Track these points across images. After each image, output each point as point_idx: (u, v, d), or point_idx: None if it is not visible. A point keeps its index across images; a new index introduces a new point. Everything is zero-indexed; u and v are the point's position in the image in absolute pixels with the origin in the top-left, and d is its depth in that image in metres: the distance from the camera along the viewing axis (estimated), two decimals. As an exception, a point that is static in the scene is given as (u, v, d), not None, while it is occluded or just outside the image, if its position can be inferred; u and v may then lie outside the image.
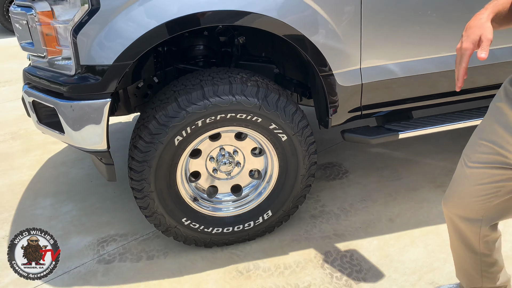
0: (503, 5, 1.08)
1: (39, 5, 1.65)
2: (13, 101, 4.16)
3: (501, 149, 1.14)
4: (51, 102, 1.73)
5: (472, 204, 1.26)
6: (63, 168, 2.87)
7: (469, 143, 1.25)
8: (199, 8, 1.60)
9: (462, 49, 1.02)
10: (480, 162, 1.20)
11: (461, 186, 1.27)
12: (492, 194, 1.21)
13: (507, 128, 1.12)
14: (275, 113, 1.75)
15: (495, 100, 1.19)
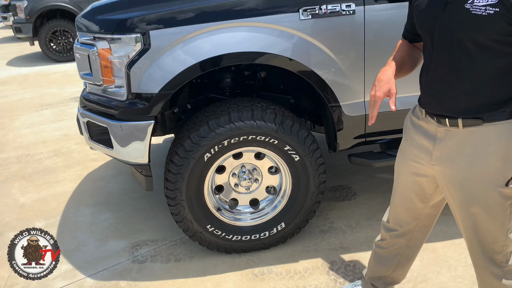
0: (400, 63, 1.47)
1: (99, 44, 2.03)
2: (55, 122, 4.60)
3: (415, 163, 1.48)
4: (104, 122, 2.09)
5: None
6: (101, 182, 3.23)
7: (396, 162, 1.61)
8: (227, 50, 1.95)
9: (376, 97, 1.39)
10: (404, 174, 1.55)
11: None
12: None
13: (416, 147, 1.45)
14: (289, 137, 2.06)
15: (405, 128, 1.55)
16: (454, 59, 1.26)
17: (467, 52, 1.22)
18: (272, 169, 2.27)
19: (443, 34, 1.25)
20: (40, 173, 3.42)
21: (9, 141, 4.15)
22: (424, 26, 1.35)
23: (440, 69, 1.31)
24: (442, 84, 1.31)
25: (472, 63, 1.23)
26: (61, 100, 5.44)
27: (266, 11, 1.95)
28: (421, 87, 1.42)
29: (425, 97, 1.40)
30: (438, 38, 1.27)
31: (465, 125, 1.29)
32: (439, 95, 1.32)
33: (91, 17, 2.13)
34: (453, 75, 1.28)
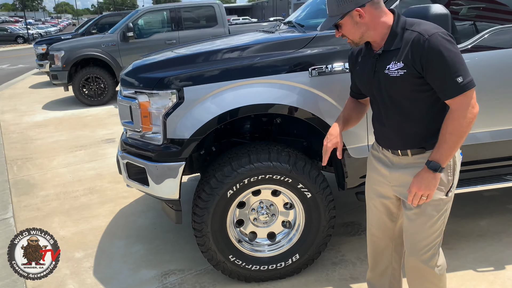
0: (347, 119, 1.97)
1: (141, 97, 2.40)
2: (89, 163, 5.01)
3: (378, 187, 1.94)
4: (142, 163, 2.43)
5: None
6: (132, 217, 3.55)
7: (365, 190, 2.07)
8: (247, 102, 2.28)
9: (327, 147, 1.89)
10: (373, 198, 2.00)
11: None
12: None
13: (378, 174, 1.91)
14: (302, 176, 2.35)
15: (368, 160, 2.01)
16: (391, 109, 1.73)
17: (398, 103, 1.70)
18: (287, 205, 2.55)
19: (378, 93, 1.74)
20: (77, 209, 3.76)
21: (48, 179, 4.55)
22: (365, 88, 1.85)
23: (385, 116, 1.77)
24: (389, 127, 1.78)
25: (404, 111, 1.69)
26: (93, 142, 5.89)
27: (281, 70, 2.30)
28: (374, 129, 1.91)
29: (379, 137, 1.88)
30: (376, 95, 1.77)
31: (413, 154, 1.75)
32: (389, 135, 1.79)
33: (134, 74, 2.53)
34: (394, 120, 1.74)
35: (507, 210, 3.30)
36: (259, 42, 2.48)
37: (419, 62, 1.56)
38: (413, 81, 1.61)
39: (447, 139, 1.60)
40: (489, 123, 2.54)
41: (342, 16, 1.65)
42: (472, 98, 1.56)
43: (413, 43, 1.57)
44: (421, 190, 1.67)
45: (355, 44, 1.75)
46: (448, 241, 2.87)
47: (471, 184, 2.61)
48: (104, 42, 8.37)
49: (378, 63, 1.69)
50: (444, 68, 1.53)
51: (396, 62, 1.61)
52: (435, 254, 1.83)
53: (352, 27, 1.67)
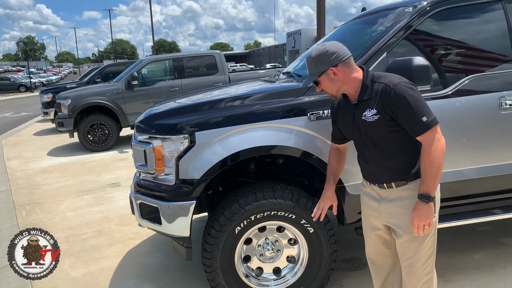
0: (335, 175, 2.39)
1: (155, 142, 2.63)
2: (96, 206, 5.16)
3: (371, 220, 2.21)
4: (155, 203, 2.62)
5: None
6: (141, 257, 3.67)
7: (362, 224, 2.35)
8: (250, 145, 2.50)
9: (323, 208, 2.40)
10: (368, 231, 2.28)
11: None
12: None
13: (369, 208, 2.20)
14: (304, 212, 2.54)
15: (361, 197, 2.30)
16: (373, 148, 2.03)
17: (377, 143, 2.00)
18: (291, 241, 2.71)
19: (360, 136, 2.06)
20: (86, 251, 3.89)
21: (56, 223, 4.68)
22: (348, 133, 2.18)
23: (368, 155, 2.08)
24: (373, 165, 2.08)
25: (383, 149, 2.00)
26: (99, 186, 6.07)
27: (279, 116, 2.55)
28: (361, 167, 2.20)
29: (365, 174, 2.18)
30: (359, 138, 2.09)
31: (397, 186, 2.03)
32: (374, 171, 2.09)
33: (148, 121, 2.77)
34: (377, 158, 2.04)
35: (499, 243, 3.46)
36: (262, 91, 2.75)
37: (389, 108, 1.89)
38: (387, 124, 1.93)
39: (428, 172, 1.89)
40: (472, 161, 2.76)
41: (319, 75, 1.99)
42: (437, 133, 1.88)
43: (381, 93, 1.91)
44: (422, 221, 1.93)
45: (334, 97, 2.08)
46: (445, 274, 3.01)
47: (462, 218, 2.80)
48: (110, 90, 8.74)
49: (356, 112, 2.01)
50: (410, 111, 1.85)
51: (370, 109, 1.94)
52: (431, 279, 2.09)
53: (329, 83, 2.01)
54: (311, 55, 2.03)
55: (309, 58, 2.05)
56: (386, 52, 2.65)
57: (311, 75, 2.04)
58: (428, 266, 2.08)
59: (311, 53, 2.04)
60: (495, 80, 2.74)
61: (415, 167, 1.99)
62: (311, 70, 2.03)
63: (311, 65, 2.02)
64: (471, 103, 2.69)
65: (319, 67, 1.99)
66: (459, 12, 2.83)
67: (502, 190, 2.85)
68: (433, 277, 2.13)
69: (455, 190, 2.78)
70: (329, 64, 1.97)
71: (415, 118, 1.86)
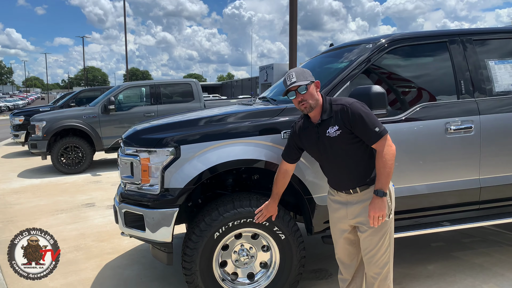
0: (279, 194, 2.72)
1: (142, 154, 2.88)
2: (71, 224, 5.24)
3: (339, 224, 2.56)
4: (140, 211, 2.84)
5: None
6: (119, 269, 3.81)
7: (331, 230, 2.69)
8: (227, 158, 2.78)
9: (265, 216, 2.75)
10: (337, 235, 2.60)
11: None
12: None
13: (337, 214, 2.55)
14: (277, 220, 2.82)
15: (328, 204, 2.67)
16: (337, 161, 2.42)
17: (340, 155, 2.38)
18: (264, 248, 2.97)
19: (324, 151, 2.43)
20: (64, 264, 3.97)
21: (31, 239, 4.73)
22: (313, 151, 2.53)
23: (334, 167, 2.46)
24: (339, 175, 2.46)
25: (347, 159, 2.38)
26: (73, 206, 6.13)
27: (257, 133, 2.86)
28: (328, 178, 2.58)
29: (333, 184, 2.55)
30: (323, 154, 2.46)
31: (361, 190, 2.40)
32: (339, 180, 2.47)
33: (135, 136, 3.02)
34: (341, 168, 2.42)
35: (450, 256, 3.83)
36: (242, 111, 3.07)
37: (348, 123, 2.30)
38: (347, 137, 2.33)
39: (382, 172, 2.28)
40: (423, 178, 3.15)
41: (311, 82, 2.36)
42: (388, 140, 2.30)
43: (340, 112, 2.33)
44: (377, 213, 2.30)
45: (311, 109, 2.38)
46: (401, 282, 3.33)
47: (415, 229, 3.16)
48: (85, 114, 8.87)
49: (320, 130, 2.39)
50: (365, 124, 2.27)
51: (332, 126, 2.34)
52: (388, 272, 2.45)
53: (312, 94, 2.37)
54: (298, 69, 2.42)
55: (297, 70, 2.42)
56: (349, 81, 3.05)
57: (300, 81, 2.34)
58: (386, 256, 2.45)
59: (295, 69, 2.45)
60: (441, 109, 3.18)
61: (373, 172, 2.38)
62: (300, 78, 2.36)
63: (300, 74, 2.38)
64: (421, 127, 3.10)
65: (308, 77, 2.38)
66: (411, 50, 3.30)
67: (449, 205, 3.24)
68: (390, 267, 2.49)
69: (409, 204, 3.14)
70: (313, 78, 2.41)
71: (369, 129, 2.27)
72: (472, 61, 3.31)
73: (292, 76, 2.38)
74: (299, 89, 2.35)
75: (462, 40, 3.34)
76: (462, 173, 3.20)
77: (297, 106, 2.43)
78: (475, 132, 3.16)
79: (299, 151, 2.60)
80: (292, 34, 8.96)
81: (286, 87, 2.41)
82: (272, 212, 2.76)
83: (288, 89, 2.40)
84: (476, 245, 4.11)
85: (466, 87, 3.25)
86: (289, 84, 2.38)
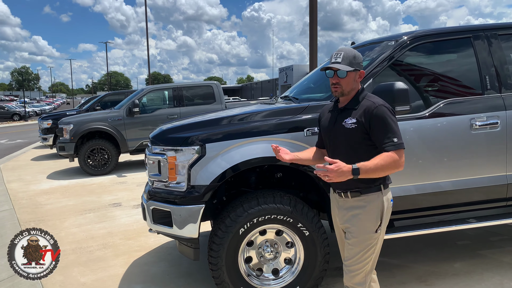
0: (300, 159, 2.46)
1: (168, 153, 2.97)
2: (99, 223, 5.40)
3: (335, 219, 2.43)
4: (168, 208, 2.92)
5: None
6: (146, 266, 3.91)
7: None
8: (250, 156, 2.83)
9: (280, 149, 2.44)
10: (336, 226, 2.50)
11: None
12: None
13: (334, 211, 2.43)
14: (301, 216, 2.86)
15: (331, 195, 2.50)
16: (340, 153, 2.21)
17: (346, 149, 2.22)
18: (288, 244, 3.01)
19: (334, 140, 2.29)
20: (93, 261, 4.11)
21: (62, 238, 4.90)
22: (325, 135, 2.38)
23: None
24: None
25: (346, 157, 2.12)
26: (101, 206, 6.30)
27: (280, 131, 2.91)
28: None
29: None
30: (332, 143, 2.31)
31: (352, 196, 2.26)
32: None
33: (162, 135, 3.12)
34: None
35: (477, 254, 3.78)
36: (265, 110, 3.13)
37: (368, 122, 2.15)
38: (360, 135, 2.17)
39: (377, 162, 2.04)
40: (447, 174, 3.13)
41: (354, 69, 2.19)
42: (402, 157, 2.09)
43: (366, 108, 2.17)
44: (333, 172, 1.97)
45: (341, 94, 2.24)
46: (427, 279, 3.32)
47: (441, 226, 3.14)
48: (111, 116, 9.10)
49: (339, 117, 2.27)
50: (386, 129, 2.11)
51: (351, 118, 2.20)
52: (363, 283, 2.30)
53: (351, 81, 2.22)
54: (349, 51, 2.20)
55: (348, 52, 2.20)
56: (372, 79, 3.06)
57: (344, 65, 2.16)
58: (362, 272, 2.27)
59: (347, 49, 2.22)
60: (466, 105, 3.15)
61: (369, 182, 2.17)
62: (346, 61, 2.18)
63: (348, 58, 2.18)
64: (445, 123, 3.08)
65: (355, 64, 2.19)
66: (434, 46, 3.29)
67: (475, 201, 3.21)
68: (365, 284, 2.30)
69: (433, 200, 3.13)
70: (361, 66, 2.24)
71: (388, 136, 2.10)
72: (497, 57, 3.27)
73: (339, 55, 2.21)
74: (339, 73, 2.21)
75: (487, 35, 3.31)
76: (489, 170, 3.17)
77: (331, 86, 2.28)
78: (501, 127, 3.13)
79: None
80: (312, 35, 8.97)
81: (328, 63, 2.26)
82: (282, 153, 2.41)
83: (329, 67, 2.23)
84: (504, 244, 4.04)
85: (492, 82, 3.22)
86: (331, 62, 2.23)
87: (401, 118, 2.97)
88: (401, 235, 3.06)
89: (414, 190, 3.06)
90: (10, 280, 3.59)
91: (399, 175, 3.02)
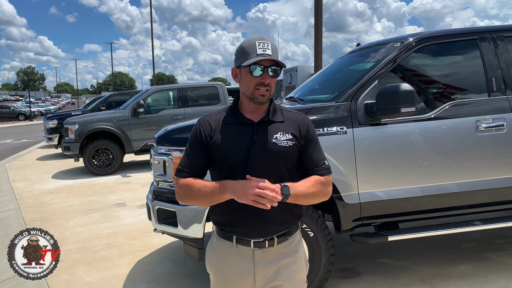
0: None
1: (174, 153, 2.98)
2: (104, 223, 5.42)
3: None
4: (173, 208, 2.93)
5: None
6: (150, 266, 3.93)
7: None
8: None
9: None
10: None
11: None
12: None
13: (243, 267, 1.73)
14: (305, 217, 2.86)
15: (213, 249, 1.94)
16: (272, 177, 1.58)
17: (285, 172, 1.67)
18: (293, 245, 3.01)
19: (260, 160, 1.64)
20: (98, 260, 4.13)
21: (67, 237, 4.93)
22: (236, 155, 1.66)
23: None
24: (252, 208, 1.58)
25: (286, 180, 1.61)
26: (105, 206, 6.33)
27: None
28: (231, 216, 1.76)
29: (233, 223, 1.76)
30: (253, 163, 1.63)
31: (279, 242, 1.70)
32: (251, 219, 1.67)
33: (167, 136, 3.13)
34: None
35: (482, 257, 3.76)
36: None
37: (304, 138, 1.70)
38: (294, 155, 1.68)
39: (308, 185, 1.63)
40: (452, 176, 3.12)
41: (283, 66, 1.67)
42: (331, 184, 1.73)
43: (299, 122, 1.72)
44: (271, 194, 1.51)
45: (266, 101, 1.66)
46: (432, 281, 3.31)
47: (446, 228, 3.13)
48: (116, 117, 9.14)
49: (260, 131, 1.67)
50: (319, 148, 1.73)
51: (284, 133, 1.67)
52: None
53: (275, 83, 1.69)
54: (273, 43, 1.67)
55: (273, 44, 1.68)
56: (377, 80, 3.06)
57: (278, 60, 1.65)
58: None
59: (269, 40, 1.67)
60: (471, 107, 3.15)
61: (295, 215, 1.76)
62: (276, 55, 1.67)
63: (276, 51, 1.68)
64: (451, 125, 3.08)
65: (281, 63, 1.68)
66: (439, 48, 3.29)
67: (481, 204, 3.20)
68: None
69: (438, 202, 3.12)
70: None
71: (322, 158, 1.73)
72: (503, 59, 3.26)
73: (267, 46, 1.64)
74: (271, 70, 1.65)
75: (493, 37, 3.30)
76: (494, 172, 3.16)
77: (252, 89, 1.66)
78: (507, 129, 3.12)
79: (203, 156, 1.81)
80: (317, 37, 8.98)
81: (253, 55, 1.63)
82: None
83: (258, 62, 1.62)
84: (509, 246, 4.02)
85: (498, 84, 3.21)
86: (259, 53, 1.62)
87: (406, 119, 2.97)
88: (405, 237, 3.05)
89: (419, 192, 3.06)
90: (16, 279, 3.61)
91: (404, 177, 3.05)
